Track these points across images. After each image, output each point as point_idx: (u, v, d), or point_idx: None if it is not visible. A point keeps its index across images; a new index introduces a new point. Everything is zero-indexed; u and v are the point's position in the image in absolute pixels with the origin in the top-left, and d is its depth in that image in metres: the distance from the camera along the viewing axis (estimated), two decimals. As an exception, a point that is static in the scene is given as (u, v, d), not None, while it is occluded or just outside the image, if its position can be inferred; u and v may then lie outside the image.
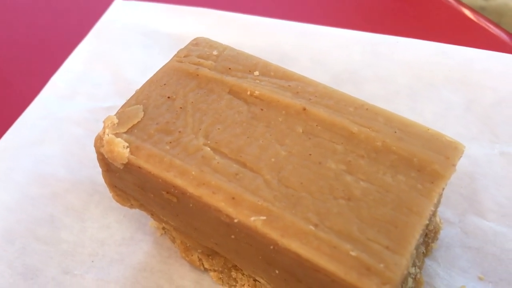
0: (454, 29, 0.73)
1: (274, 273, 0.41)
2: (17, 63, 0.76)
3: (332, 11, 0.79)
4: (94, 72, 0.71)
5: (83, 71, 0.71)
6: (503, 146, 0.58)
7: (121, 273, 0.52)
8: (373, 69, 0.65)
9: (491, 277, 0.51)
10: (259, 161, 0.42)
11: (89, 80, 0.70)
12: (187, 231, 0.46)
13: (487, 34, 0.71)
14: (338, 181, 0.40)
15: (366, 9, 0.79)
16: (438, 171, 0.41)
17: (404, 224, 0.38)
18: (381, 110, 0.45)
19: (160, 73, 0.49)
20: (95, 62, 0.72)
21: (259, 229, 0.38)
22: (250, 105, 0.45)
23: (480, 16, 0.74)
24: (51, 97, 0.68)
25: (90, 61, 0.72)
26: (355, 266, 0.36)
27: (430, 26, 0.74)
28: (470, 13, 0.75)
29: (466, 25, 0.74)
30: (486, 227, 0.54)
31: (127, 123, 0.44)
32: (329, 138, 0.43)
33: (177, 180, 0.41)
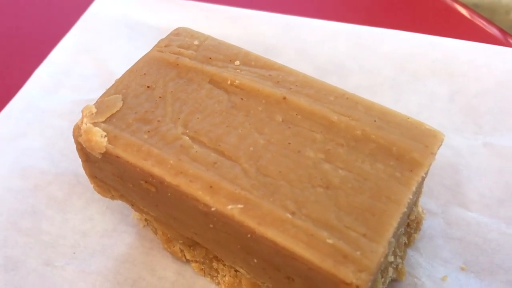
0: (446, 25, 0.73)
1: (253, 262, 0.41)
2: (1, 56, 0.75)
3: (317, 3, 0.79)
4: (79, 64, 0.71)
5: (67, 64, 0.71)
6: (486, 137, 0.58)
7: (102, 264, 0.52)
8: (357, 61, 0.65)
9: (473, 267, 0.51)
10: (238, 150, 0.41)
11: (74, 73, 0.70)
12: (167, 221, 0.46)
13: (480, 31, 0.71)
14: (316, 169, 0.40)
15: (352, 1, 0.78)
16: (417, 160, 0.41)
17: (382, 212, 0.38)
18: (362, 99, 0.45)
19: (140, 63, 0.48)
20: (80, 54, 0.72)
21: (236, 217, 0.38)
22: (230, 94, 0.45)
23: (474, 13, 0.74)
24: (35, 90, 0.67)
25: (75, 54, 0.72)
26: (332, 253, 0.36)
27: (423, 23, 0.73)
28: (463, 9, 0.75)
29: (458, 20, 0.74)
30: (469, 217, 0.54)
31: (105, 112, 0.44)
32: (308, 127, 0.43)
33: (154, 169, 0.40)
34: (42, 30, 0.79)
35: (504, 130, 0.58)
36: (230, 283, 0.48)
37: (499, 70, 0.61)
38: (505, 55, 0.62)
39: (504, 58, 0.62)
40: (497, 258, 0.51)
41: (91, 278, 0.51)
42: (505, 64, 0.62)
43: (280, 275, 0.40)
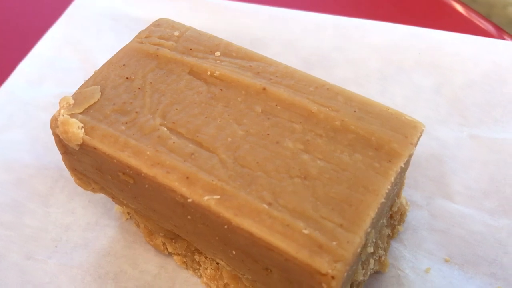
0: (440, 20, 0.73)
1: (231, 254, 0.41)
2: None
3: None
4: (64, 57, 0.70)
5: (52, 57, 0.70)
6: (472, 129, 0.58)
7: (84, 258, 0.52)
8: (343, 53, 0.65)
9: (457, 259, 0.51)
10: (216, 141, 0.41)
11: (58, 66, 0.69)
12: (147, 214, 0.46)
13: (474, 27, 0.70)
14: (294, 160, 0.40)
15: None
16: (396, 150, 0.40)
17: (359, 203, 0.38)
18: (342, 89, 0.44)
19: (120, 54, 0.48)
20: (64, 47, 0.71)
21: (212, 208, 0.38)
22: (210, 85, 0.45)
23: (469, 10, 0.73)
24: (19, 83, 0.67)
25: (60, 47, 0.71)
26: (307, 244, 0.35)
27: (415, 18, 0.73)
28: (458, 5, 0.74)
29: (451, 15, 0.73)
30: (453, 209, 0.54)
31: (83, 103, 0.44)
32: (288, 118, 0.42)
33: (131, 160, 0.40)
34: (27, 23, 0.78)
35: (490, 122, 0.58)
36: (211, 276, 0.48)
37: (485, 62, 0.61)
38: (491, 47, 0.62)
39: (490, 50, 0.62)
40: (481, 250, 0.51)
41: (72, 271, 0.51)
42: (491, 55, 0.61)
43: (258, 266, 0.40)
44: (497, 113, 0.58)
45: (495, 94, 0.59)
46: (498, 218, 0.52)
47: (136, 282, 0.50)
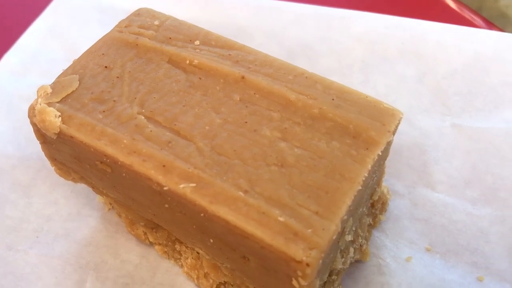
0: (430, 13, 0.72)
1: (209, 242, 0.41)
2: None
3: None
4: (49, 49, 0.70)
5: (37, 48, 0.70)
6: (454, 118, 0.58)
7: (65, 248, 0.52)
8: (327, 43, 0.64)
9: (438, 248, 0.51)
10: (193, 129, 0.41)
11: (43, 57, 0.69)
12: (127, 203, 0.46)
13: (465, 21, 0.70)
14: (272, 148, 0.40)
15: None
16: (374, 138, 0.40)
17: (336, 190, 0.38)
18: (321, 78, 0.44)
19: (99, 43, 0.48)
20: (50, 39, 0.71)
21: (188, 196, 0.38)
22: (189, 74, 0.45)
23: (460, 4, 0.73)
24: (3, 74, 0.66)
25: (45, 38, 0.71)
26: (283, 231, 0.35)
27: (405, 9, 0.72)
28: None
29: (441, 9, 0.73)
30: (435, 198, 0.54)
31: (61, 92, 0.43)
32: (266, 106, 0.42)
33: (108, 149, 0.40)
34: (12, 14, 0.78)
35: (473, 111, 0.58)
36: (192, 265, 0.48)
37: (468, 51, 0.61)
38: (473, 36, 0.62)
39: (473, 39, 0.62)
40: (462, 239, 0.51)
41: (53, 262, 0.51)
42: (474, 45, 0.61)
43: (236, 254, 0.40)
44: (479, 102, 0.58)
45: (477, 83, 0.59)
46: (480, 207, 0.53)
47: (117, 272, 0.50)
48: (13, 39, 0.71)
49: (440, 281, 0.49)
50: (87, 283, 0.49)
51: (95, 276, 0.50)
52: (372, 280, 0.49)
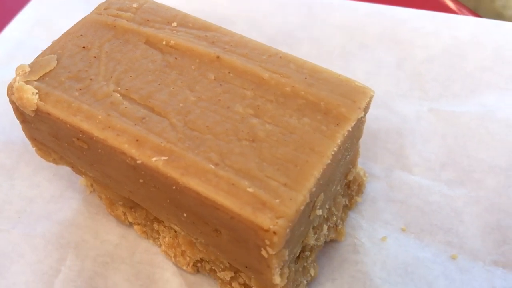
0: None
1: (183, 217, 0.42)
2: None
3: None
4: (34, 38, 0.71)
5: (23, 37, 0.71)
6: (431, 103, 0.59)
7: (47, 228, 0.53)
8: (308, 30, 0.65)
9: (413, 228, 0.52)
10: (167, 106, 0.42)
11: (29, 46, 0.70)
12: (104, 182, 0.47)
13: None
14: (244, 124, 0.41)
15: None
16: (344, 114, 0.41)
17: (304, 163, 0.38)
18: (294, 58, 0.45)
19: (78, 25, 0.49)
20: (36, 28, 0.72)
21: (160, 169, 0.38)
22: (165, 54, 0.46)
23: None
24: (-12, 62, 0.67)
25: (31, 28, 0.72)
26: (251, 201, 0.36)
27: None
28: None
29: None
30: (411, 181, 0.55)
31: (39, 71, 0.44)
32: (240, 84, 0.43)
33: (83, 124, 0.41)
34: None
35: (450, 96, 0.59)
36: (169, 244, 0.49)
37: (446, 37, 0.62)
38: (451, 23, 0.63)
39: (451, 26, 0.63)
40: (437, 219, 0.52)
41: (34, 241, 0.52)
42: (452, 31, 0.62)
43: (208, 228, 0.40)
44: (457, 87, 0.59)
45: (455, 68, 0.60)
46: (454, 188, 0.53)
47: (97, 251, 0.51)
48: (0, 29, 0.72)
49: (414, 260, 0.49)
50: (67, 261, 0.50)
51: (75, 255, 0.51)
52: (347, 258, 0.50)
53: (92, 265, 0.50)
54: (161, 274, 0.50)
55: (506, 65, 0.59)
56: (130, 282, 0.49)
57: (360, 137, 0.47)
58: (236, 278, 0.47)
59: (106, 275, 0.50)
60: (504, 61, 0.59)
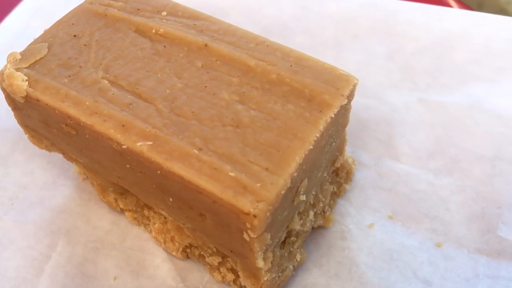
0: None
1: (169, 202, 0.42)
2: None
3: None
4: (33, 29, 0.72)
5: (21, 29, 0.72)
6: (421, 94, 0.60)
7: (39, 215, 0.54)
8: (302, 22, 0.66)
9: (400, 215, 0.52)
10: (154, 92, 0.43)
11: (27, 37, 0.70)
12: (94, 167, 0.47)
13: None
14: (229, 110, 0.41)
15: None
16: (327, 101, 0.42)
17: (287, 148, 0.39)
18: (281, 46, 0.46)
19: (70, 14, 0.49)
20: (34, 19, 0.73)
21: (145, 154, 0.39)
22: (154, 42, 0.46)
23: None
24: (-15, 53, 0.68)
25: (29, 19, 0.73)
26: (233, 185, 0.37)
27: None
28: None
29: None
30: (399, 169, 0.55)
31: (29, 59, 0.45)
32: (226, 72, 0.44)
33: (70, 110, 0.42)
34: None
35: (438, 87, 0.60)
36: (159, 230, 0.50)
37: (437, 29, 0.63)
38: (442, 15, 0.63)
39: (442, 18, 0.63)
40: (423, 207, 0.53)
41: (26, 227, 0.53)
42: (443, 23, 0.63)
43: (194, 212, 0.41)
44: (446, 78, 0.60)
45: (445, 60, 0.61)
46: (442, 177, 0.54)
47: (88, 237, 0.52)
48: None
49: (400, 246, 0.50)
50: (58, 247, 0.51)
51: (66, 241, 0.52)
52: (334, 244, 0.51)
53: (82, 251, 0.51)
54: (151, 260, 0.51)
55: (495, 57, 0.60)
56: (120, 267, 0.50)
57: (346, 124, 0.48)
58: (224, 263, 0.47)
59: (96, 261, 0.50)
60: (492, 53, 0.60)
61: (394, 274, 0.48)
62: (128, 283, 0.49)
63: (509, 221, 0.50)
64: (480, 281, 0.48)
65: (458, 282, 0.48)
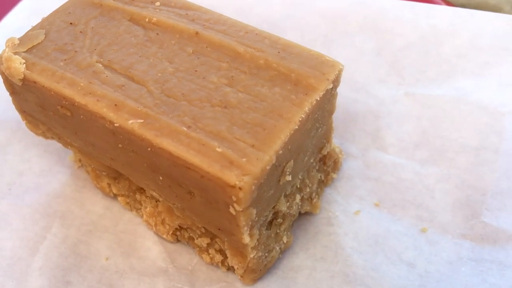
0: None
1: (159, 181, 0.44)
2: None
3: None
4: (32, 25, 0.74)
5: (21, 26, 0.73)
6: (408, 87, 0.61)
7: (35, 199, 0.55)
8: (292, 20, 0.68)
9: (386, 203, 0.54)
10: (146, 75, 0.44)
11: (26, 33, 0.73)
12: (88, 150, 0.49)
13: None
14: (217, 92, 0.43)
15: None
16: (313, 85, 0.44)
17: (273, 127, 0.41)
18: (270, 34, 0.48)
19: (67, 4, 0.51)
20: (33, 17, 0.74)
21: (136, 131, 0.41)
22: (147, 30, 0.48)
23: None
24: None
25: (29, 17, 0.75)
26: (219, 160, 0.39)
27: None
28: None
29: None
30: (386, 160, 0.57)
31: (27, 44, 0.47)
32: (216, 57, 0.46)
33: (65, 91, 0.43)
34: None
35: (425, 81, 0.61)
36: (150, 213, 0.51)
37: (424, 26, 0.65)
38: (429, 12, 0.65)
39: (429, 15, 0.65)
40: (409, 195, 0.54)
41: (22, 210, 0.54)
42: (430, 19, 0.65)
43: (183, 190, 0.43)
44: (432, 72, 0.61)
45: (431, 55, 0.63)
46: (427, 166, 0.55)
47: (82, 220, 0.53)
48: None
49: (385, 232, 0.51)
50: (52, 229, 0.53)
51: (60, 223, 0.53)
52: (321, 230, 0.52)
53: (76, 233, 0.52)
54: (142, 243, 0.52)
55: (480, 52, 0.61)
56: (112, 249, 0.51)
57: (333, 112, 0.49)
58: (212, 245, 0.49)
59: (89, 242, 0.52)
60: (478, 48, 0.62)
61: (379, 257, 0.50)
62: (120, 263, 0.50)
63: (492, 207, 0.52)
64: (464, 263, 0.49)
65: (442, 264, 0.49)
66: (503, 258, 0.49)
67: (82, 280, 0.49)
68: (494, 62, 0.61)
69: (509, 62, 0.60)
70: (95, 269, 0.50)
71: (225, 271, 0.50)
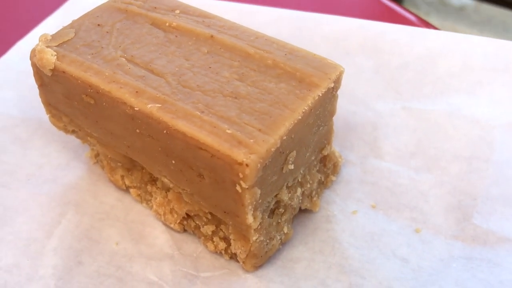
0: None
1: (172, 165, 0.48)
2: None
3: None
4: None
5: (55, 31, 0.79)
6: (405, 102, 0.66)
7: (52, 189, 0.59)
8: (297, 40, 0.73)
9: (382, 205, 0.57)
10: (165, 69, 0.49)
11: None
12: (106, 139, 0.53)
13: None
14: (229, 85, 0.48)
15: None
16: (316, 82, 0.48)
17: (278, 116, 0.45)
18: (277, 40, 0.53)
19: (96, 9, 0.57)
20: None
21: (154, 114, 0.45)
22: (167, 33, 0.53)
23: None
24: (13, 56, 0.76)
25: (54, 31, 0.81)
26: (229, 140, 0.43)
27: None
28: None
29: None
30: (383, 166, 0.60)
31: (58, 40, 0.52)
32: (229, 57, 0.50)
33: (92, 79, 0.48)
34: (27, 13, 0.89)
35: (421, 97, 0.66)
36: (160, 203, 0.55)
37: (420, 47, 0.70)
38: (425, 35, 0.71)
39: (425, 38, 0.70)
40: (404, 199, 0.57)
41: (40, 198, 0.58)
42: (425, 42, 0.70)
43: (193, 173, 0.46)
44: (427, 89, 0.66)
45: (426, 74, 0.67)
46: (422, 173, 0.59)
47: (95, 209, 0.57)
48: (26, 32, 0.81)
49: (381, 230, 0.55)
50: (67, 215, 0.56)
51: (75, 211, 0.56)
52: (319, 226, 0.55)
53: (89, 220, 0.56)
54: (150, 232, 0.55)
55: (472, 72, 0.66)
56: (122, 236, 0.55)
57: (333, 113, 0.54)
58: (217, 232, 0.52)
59: (101, 229, 0.55)
60: (470, 68, 0.66)
61: (374, 252, 0.53)
62: (129, 248, 0.53)
63: (483, 211, 0.55)
64: (455, 260, 0.52)
65: (434, 261, 0.52)
66: (492, 257, 0.52)
67: (93, 261, 0.52)
68: (485, 81, 0.65)
69: (499, 82, 0.65)
70: (105, 252, 0.53)
71: (228, 259, 0.53)
